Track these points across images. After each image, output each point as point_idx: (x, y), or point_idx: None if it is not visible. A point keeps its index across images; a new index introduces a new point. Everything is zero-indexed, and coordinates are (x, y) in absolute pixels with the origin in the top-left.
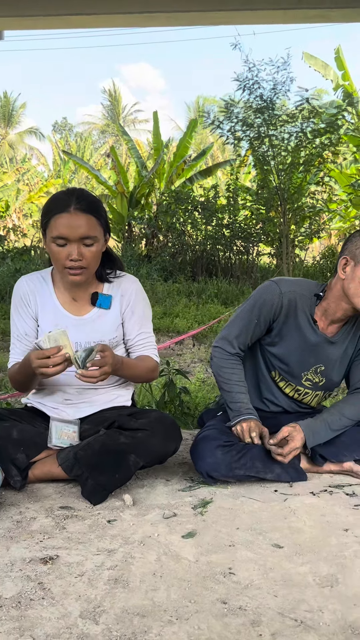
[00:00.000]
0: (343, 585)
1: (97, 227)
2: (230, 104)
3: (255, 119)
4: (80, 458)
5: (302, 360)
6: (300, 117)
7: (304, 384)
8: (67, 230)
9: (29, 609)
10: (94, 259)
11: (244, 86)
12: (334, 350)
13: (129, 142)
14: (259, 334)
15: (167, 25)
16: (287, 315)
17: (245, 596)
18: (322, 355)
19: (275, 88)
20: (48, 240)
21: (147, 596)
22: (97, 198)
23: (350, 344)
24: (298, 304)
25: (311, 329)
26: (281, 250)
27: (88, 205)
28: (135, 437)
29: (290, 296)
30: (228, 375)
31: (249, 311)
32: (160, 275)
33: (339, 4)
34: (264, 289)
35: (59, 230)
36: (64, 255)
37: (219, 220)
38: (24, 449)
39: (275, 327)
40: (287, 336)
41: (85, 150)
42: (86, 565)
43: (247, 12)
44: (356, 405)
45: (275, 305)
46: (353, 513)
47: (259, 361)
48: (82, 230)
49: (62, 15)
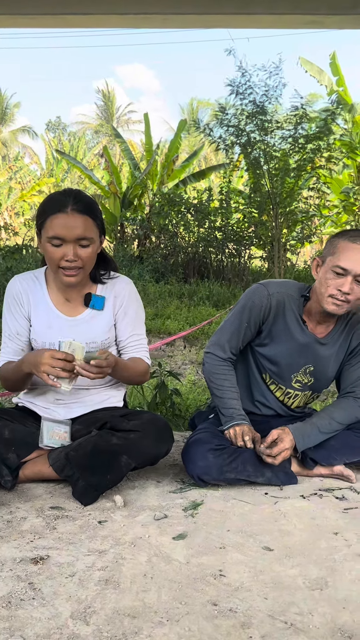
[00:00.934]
0: (333, 588)
1: (93, 228)
2: (222, 109)
3: (247, 125)
4: (72, 458)
5: (292, 361)
6: (293, 122)
7: (294, 386)
8: (64, 231)
9: (19, 609)
10: (90, 260)
11: (237, 91)
12: (325, 351)
13: (122, 144)
14: (250, 336)
15: (162, 27)
16: (275, 317)
17: (236, 598)
18: (312, 355)
19: (267, 93)
20: (43, 240)
21: (138, 597)
22: (93, 199)
23: (341, 347)
24: (286, 304)
25: (300, 329)
26: (273, 254)
27: (85, 207)
28: (127, 439)
29: (278, 297)
30: (220, 381)
31: (239, 315)
32: (152, 276)
33: (334, 10)
34: (252, 292)
35: (55, 231)
36: (59, 256)
37: (212, 223)
38: (15, 448)
39: (265, 329)
40: (277, 337)
41: (79, 150)
42: (77, 566)
43: (243, 16)
44: (346, 409)
45: (264, 307)
46: (343, 517)
47: (250, 364)
48: (78, 231)
49: (58, 15)
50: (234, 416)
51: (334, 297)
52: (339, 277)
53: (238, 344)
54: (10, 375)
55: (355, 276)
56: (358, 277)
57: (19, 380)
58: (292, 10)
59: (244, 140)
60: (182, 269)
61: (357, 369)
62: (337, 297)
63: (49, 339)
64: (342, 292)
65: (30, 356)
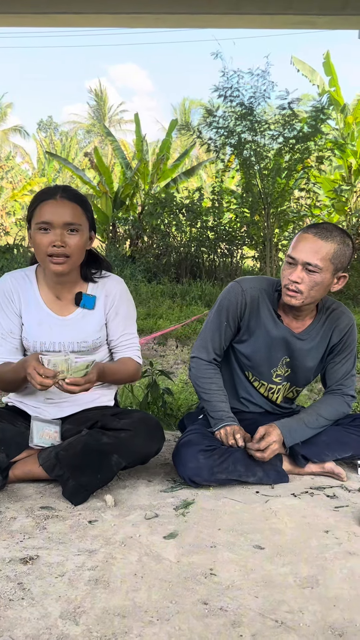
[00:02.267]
0: (323, 586)
1: (82, 216)
2: (209, 111)
3: (236, 126)
4: (62, 458)
5: (269, 356)
6: (281, 122)
7: (275, 380)
8: (52, 216)
9: (8, 610)
10: (78, 249)
11: (224, 95)
12: (302, 346)
13: (113, 143)
14: (231, 335)
15: (154, 26)
16: (251, 312)
17: (226, 597)
18: (287, 348)
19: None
20: (33, 230)
21: (128, 597)
22: (84, 195)
23: (321, 343)
24: (260, 299)
25: (273, 323)
26: (265, 254)
27: (74, 195)
28: (118, 438)
29: (252, 292)
30: (207, 385)
31: (217, 315)
32: (144, 276)
33: (325, 11)
34: (227, 291)
35: (44, 216)
36: (47, 242)
37: (204, 223)
38: (4, 448)
39: (243, 325)
40: (253, 333)
41: (70, 150)
42: (67, 566)
43: (235, 15)
44: (332, 405)
45: (239, 304)
46: (333, 515)
47: (232, 363)
48: (66, 217)
49: (50, 14)
50: (223, 418)
51: (287, 287)
52: (290, 267)
53: (221, 344)
54: (6, 376)
55: (303, 264)
56: (307, 266)
57: (15, 382)
58: (284, 10)
59: (235, 141)
60: (174, 268)
61: (342, 366)
62: (289, 287)
63: (40, 338)
64: (291, 280)
65: (22, 361)
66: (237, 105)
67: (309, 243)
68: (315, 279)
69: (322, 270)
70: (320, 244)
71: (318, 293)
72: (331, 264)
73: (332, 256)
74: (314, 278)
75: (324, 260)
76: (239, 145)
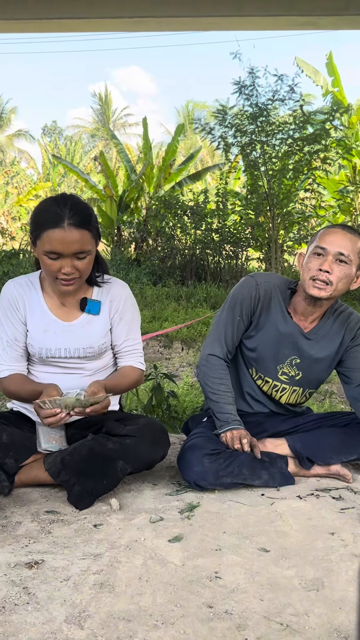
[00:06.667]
0: (329, 588)
1: (90, 240)
2: (223, 110)
3: (249, 125)
4: (67, 463)
5: (276, 351)
6: (292, 123)
7: (280, 378)
8: (61, 247)
9: (13, 614)
10: (87, 269)
11: (241, 91)
12: (310, 345)
13: (118, 146)
14: (243, 330)
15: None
16: (263, 306)
17: (231, 600)
18: (296, 347)
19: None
20: (39, 251)
21: (133, 600)
22: (88, 205)
23: (331, 343)
24: (273, 294)
25: (283, 319)
26: (270, 255)
27: (82, 219)
28: (123, 444)
29: (266, 287)
30: (216, 385)
31: (231, 310)
32: (150, 279)
33: (328, 11)
34: (240, 285)
35: (53, 246)
36: (56, 269)
37: (208, 225)
38: (13, 453)
39: (254, 320)
40: (263, 328)
41: (75, 154)
42: (72, 570)
43: (237, 18)
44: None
45: (253, 297)
46: (339, 517)
47: (238, 358)
48: (76, 247)
49: (54, 19)
50: (230, 421)
51: (316, 278)
52: (319, 257)
53: (233, 339)
54: (21, 395)
55: (335, 255)
56: (337, 257)
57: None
58: (286, 12)
59: (246, 140)
60: (180, 271)
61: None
62: (318, 278)
63: (45, 344)
64: (322, 270)
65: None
66: (252, 104)
67: (340, 235)
68: (345, 270)
69: (352, 263)
70: (350, 236)
71: (344, 286)
72: (358, 258)
73: (359, 251)
74: (343, 269)
75: (354, 252)
76: (249, 145)
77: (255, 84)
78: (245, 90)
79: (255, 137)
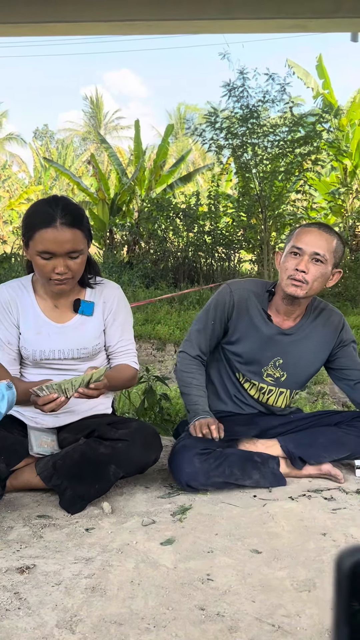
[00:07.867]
0: (321, 589)
1: (82, 239)
2: (214, 112)
3: (240, 127)
4: (59, 468)
5: (260, 355)
6: (283, 125)
7: (265, 380)
8: (54, 246)
9: (4, 619)
10: (79, 269)
11: (231, 93)
12: (291, 342)
13: (108, 149)
14: (218, 334)
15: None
16: (239, 313)
17: (223, 602)
18: (278, 347)
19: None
20: (32, 253)
21: (125, 604)
22: (80, 206)
23: (313, 341)
24: (249, 300)
25: (264, 322)
26: (262, 257)
27: (74, 219)
28: (115, 448)
29: (240, 293)
30: (188, 379)
31: (205, 314)
32: (142, 281)
33: (317, 14)
34: (217, 293)
35: (45, 246)
36: (49, 269)
37: (201, 227)
38: (4, 457)
39: (231, 326)
40: (244, 333)
41: (67, 157)
42: (63, 574)
43: (227, 21)
44: None
45: (227, 304)
46: (331, 517)
47: (224, 365)
48: (68, 246)
49: (44, 23)
50: (198, 412)
51: (292, 277)
52: (296, 257)
53: (207, 342)
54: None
55: (311, 255)
56: (315, 256)
57: (23, 402)
58: (276, 14)
59: (237, 142)
60: (172, 273)
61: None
62: (295, 277)
63: (39, 347)
64: (298, 270)
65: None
66: (241, 106)
67: (316, 235)
68: (320, 269)
69: (327, 262)
70: (326, 236)
71: (320, 285)
72: (333, 257)
73: (334, 250)
74: (319, 269)
75: (329, 252)
76: (241, 147)
77: (245, 85)
78: (235, 92)
79: (246, 139)
